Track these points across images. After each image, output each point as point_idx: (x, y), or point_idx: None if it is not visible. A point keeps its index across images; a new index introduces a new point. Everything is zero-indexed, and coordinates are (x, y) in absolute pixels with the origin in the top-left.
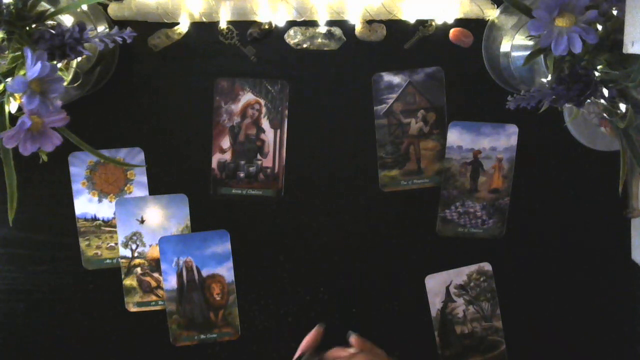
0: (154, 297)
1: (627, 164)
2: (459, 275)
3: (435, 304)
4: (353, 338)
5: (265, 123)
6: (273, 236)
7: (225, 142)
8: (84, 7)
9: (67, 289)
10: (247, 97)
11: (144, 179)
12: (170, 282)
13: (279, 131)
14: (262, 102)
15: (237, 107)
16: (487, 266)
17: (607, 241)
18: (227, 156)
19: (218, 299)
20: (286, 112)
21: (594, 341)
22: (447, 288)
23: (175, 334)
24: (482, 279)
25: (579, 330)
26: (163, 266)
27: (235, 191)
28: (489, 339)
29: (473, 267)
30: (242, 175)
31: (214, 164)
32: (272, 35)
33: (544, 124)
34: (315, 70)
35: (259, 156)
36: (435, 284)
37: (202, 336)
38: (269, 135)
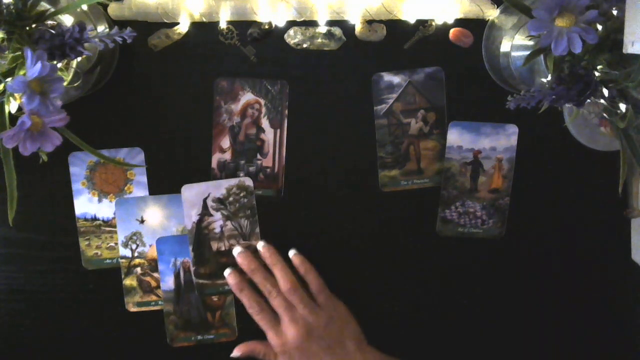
0: (154, 297)
1: (627, 164)
2: (218, 188)
3: (191, 216)
4: (294, 256)
5: (265, 123)
6: (272, 236)
7: (225, 142)
8: (84, 7)
9: (67, 289)
10: (247, 97)
11: (144, 179)
12: (168, 282)
13: (278, 131)
14: (262, 102)
15: (237, 107)
16: (247, 181)
17: (607, 241)
18: (227, 156)
19: (215, 299)
20: (286, 112)
21: (593, 341)
22: (205, 200)
23: (173, 334)
24: (242, 195)
25: (578, 330)
26: (160, 267)
27: None
28: None
29: (233, 181)
30: (242, 175)
31: (214, 164)
32: (272, 35)
33: (544, 124)
34: (315, 70)
35: (258, 156)
36: (192, 195)
37: (200, 337)
38: (268, 135)
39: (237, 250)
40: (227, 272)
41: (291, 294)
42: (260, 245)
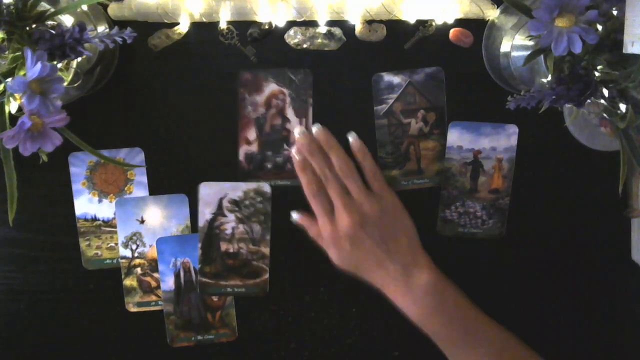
0: (154, 297)
1: (627, 164)
2: (236, 189)
3: (204, 214)
4: (354, 141)
5: (290, 113)
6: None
7: (252, 134)
8: (84, 7)
9: (67, 289)
10: (271, 87)
11: (144, 179)
12: (168, 282)
13: (304, 120)
14: (286, 91)
15: (261, 98)
16: (265, 187)
17: (607, 241)
18: (254, 148)
19: (215, 299)
20: (310, 100)
21: (594, 341)
22: (221, 200)
23: (173, 334)
24: (258, 200)
25: (578, 330)
26: (160, 267)
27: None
28: (254, 264)
29: (251, 185)
30: (269, 166)
31: (241, 156)
32: (272, 36)
33: (544, 124)
34: (315, 70)
35: (285, 146)
36: (209, 193)
37: (200, 337)
38: (294, 124)
39: (298, 130)
40: (294, 149)
41: (347, 177)
42: (316, 127)
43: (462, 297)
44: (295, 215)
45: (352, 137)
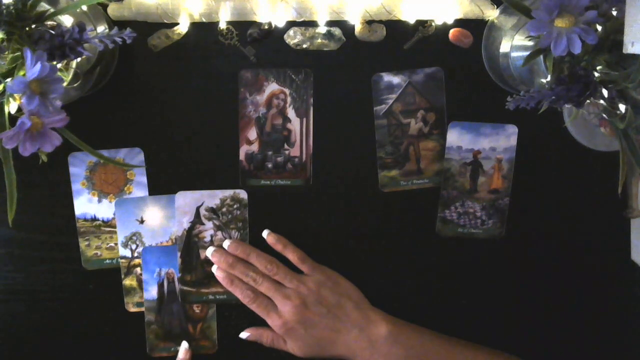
0: None
1: (626, 164)
2: (213, 197)
3: (182, 222)
4: (268, 236)
5: (290, 112)
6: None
7: (252, 134)
8: (84, 7)
9: (67, 289)
10: (272, 87)
11: (143, 179)
12: (151, 292)
13: (305, 120)
14: (287, 91)
15: (262, 97)
16: (242, 194)
17: (607, 241)
18: (255, 147)
19: (197, 311)
20: (311, 100)
21: (593, 341)
22: (198, 209)
23: (153, 344)
24: (235, 207)
25: (578, 330)
26: (145, 276)
27: (264, 182)
28: None
29: (227, 193)
30: (270, 165)
31: (242, 156)
32: (272, 36)
33: (544, 124)
34: (314, 71)
35: (285, 146)
36: (186, 202)
37: (179, 348)
38: (295, 124)
39: (210, 250)
40: (214, 268)
41: (274, 274)
42: (226, 243)
43: (425, 333)
44: (244, 335)
45: (265, 233)
